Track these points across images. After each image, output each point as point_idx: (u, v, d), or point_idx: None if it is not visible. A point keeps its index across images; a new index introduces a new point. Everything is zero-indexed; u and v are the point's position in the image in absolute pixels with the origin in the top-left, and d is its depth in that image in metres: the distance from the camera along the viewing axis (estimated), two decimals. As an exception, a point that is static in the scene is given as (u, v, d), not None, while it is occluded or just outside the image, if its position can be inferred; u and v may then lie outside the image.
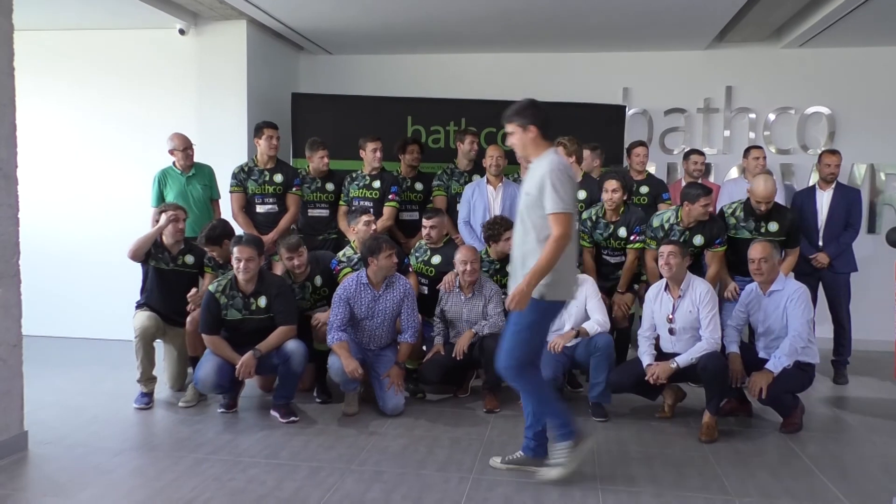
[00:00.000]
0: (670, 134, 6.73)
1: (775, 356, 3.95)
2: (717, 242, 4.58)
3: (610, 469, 3.50)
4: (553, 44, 6.50)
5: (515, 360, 3.25)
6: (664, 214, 4.72)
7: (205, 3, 5.50)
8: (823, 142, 6.46)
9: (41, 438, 3.72)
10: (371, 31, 6.15)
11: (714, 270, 4.62)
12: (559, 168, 3.12)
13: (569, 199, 3.11)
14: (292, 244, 4.40)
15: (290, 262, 4.41)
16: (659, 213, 4.80)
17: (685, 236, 4.57)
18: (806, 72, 6.48)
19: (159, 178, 5.22)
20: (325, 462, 3.50)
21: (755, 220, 4.55)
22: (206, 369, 4.06)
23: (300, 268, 4.47)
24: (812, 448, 3.85)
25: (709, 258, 4.67)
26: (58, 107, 6.30)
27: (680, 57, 6.63)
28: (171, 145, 5.19)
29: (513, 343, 3.26)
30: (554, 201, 3.07)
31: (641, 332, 4.33)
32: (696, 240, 4.58)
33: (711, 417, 3.99)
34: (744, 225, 4.60)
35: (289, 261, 4.40)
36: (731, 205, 4.76)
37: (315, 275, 4.58)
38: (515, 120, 3.26)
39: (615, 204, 4.71)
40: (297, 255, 4.40)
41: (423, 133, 6.13)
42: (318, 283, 4.58)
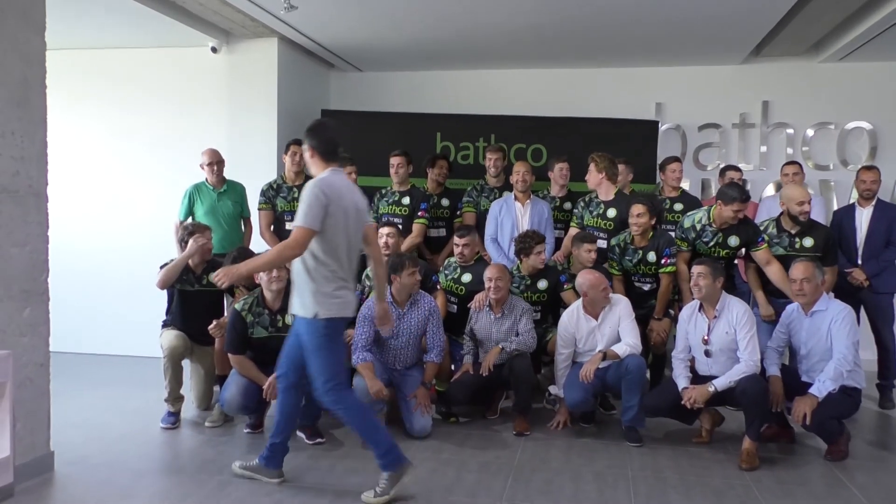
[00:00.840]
0: (704, 150, 6.59)
1: (819, 380, 3.78)
2: (760, 241, 4.44)
3: (647, 498, 3.36)
4: (584, 59, 6.43)
5: (323, 384, 3.23)
6: (696, 215, 4.62)
7: (237, 22, 5.54)
8: (864, 158, 6.27)
9: (67, 458, 3.68)
10: (401, 47, 6.14)
11: (777, 267, 4.37)
12: (318, 186, 3.16)
13: (315, 218, 3.11)
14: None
15: None
16: (690, 214, 4.69)
17: (718, 238, 4.44)
18: (845, 86, 6.30)
19: (191, 192, 5.24)
20: (351, 487, 3.41)
21: (789, 237, 4.41)
22: (232, 390, 4.01)
23: None
24: (860, 477, 3.66)
25: (761, 258, 4.45)
26: (89, 125, 6.36)
27: (714, 71, 6.50)
28: (202, 160, 5.22)
29: (314, 370, 3.25)
30: (300, 214, 3.13)
31: (675, 354, 4.20)
32: (731, 241, 4.47)
33: (752, 444, 3.82)
34: (777, 241, 4.46)
35: None
36: (762, 222, 4.66)
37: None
38: (303, 140, 3.35)
39: (642, 228, 4.59)
40: None
41: (452, 149, 6.09)
42: None
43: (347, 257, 3.27)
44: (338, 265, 3.22)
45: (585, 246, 4.61)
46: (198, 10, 5.27)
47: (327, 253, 3.17)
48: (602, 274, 4.41)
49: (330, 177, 3.25)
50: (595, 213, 5.00)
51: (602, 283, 4.27)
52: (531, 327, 4.41)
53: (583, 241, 4.64)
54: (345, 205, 3.22)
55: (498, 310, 4.45)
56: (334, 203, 3.16)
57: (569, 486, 3.49)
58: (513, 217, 5.09)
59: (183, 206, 5.24)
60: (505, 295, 4.42)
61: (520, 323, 4.40)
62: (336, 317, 3.23)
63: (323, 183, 3.18)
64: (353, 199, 3.31)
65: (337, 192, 3.20)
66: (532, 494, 3.37)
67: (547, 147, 6.01)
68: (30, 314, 3.43)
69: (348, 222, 3.23)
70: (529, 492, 3.39)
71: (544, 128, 6.08)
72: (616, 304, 4.31)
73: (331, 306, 3.19)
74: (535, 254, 4.60)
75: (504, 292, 4.40)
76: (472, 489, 3.42)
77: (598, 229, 4.96)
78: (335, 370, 3.26)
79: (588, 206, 5.06)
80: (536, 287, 4.71)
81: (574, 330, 4.32)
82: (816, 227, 4.52)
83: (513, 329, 4.41)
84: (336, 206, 3.17)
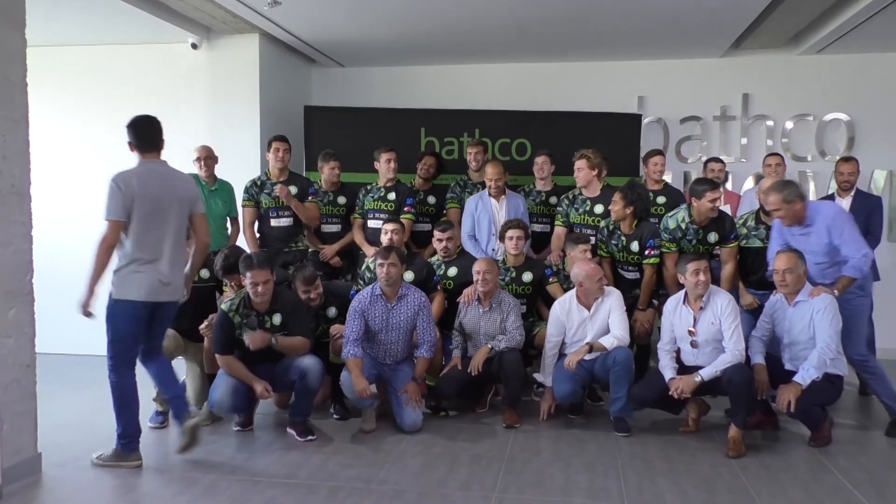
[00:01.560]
0: (686, 142, 6.65)
1: (804, 368, 3.84)
2: (731, 237, 4.53)
3: (637, 486, 3.40)
4: (567, 53, 6.45)
5: (109, 357, 3.55)
6: (678, 214, 4.66)
7: (217, 18, 5.49)
8: (842, 149, 6.37)
9: (55, 460, 3.65)
10: (383, 43, 6.12)
11: (731, 268, 4.54)
12: (113, 180, 3.42)
13: (112, 209, 3.41)
14: (308, 277, 4.31)
15: (305, 294, 4.30)
16: (672, 214, 4.73)
17: (699, 235, 4.51)
18: (824, 78, 6.40)
19: None
20: (344, 482, 3.43)
21: (766, 229, 4.48)
22: (222, 391, 3.98)
23: (315, 301, 4.37)
24: (843, 462, 3.74)
25: (724, 255, 4.58)
26: (70, 123, 6.28)
27: (695, 64, 6.56)
28: (194, 155, 5.19)
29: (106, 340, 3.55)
30: (104, 208, 3.42)
31: (661, 346, 4.25)
32: (710, 237, 4.54)
33: (738, 431, 3.88)
34: (755, 234, 4.53)
35: (304, 293, 4.30)
36: (741, 216, 4.74)
37: (329, 305, 4.49)
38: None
39: (616, 216, 4.65)
40: (313, 287, 4.32)
41: (436, 144, 6.09)
42: (331, 315, 4.49)
43: (157, 243, 3.50)
44: (139, 250, 3.46)
45: (580, 247, 4.56)
46: (178, 6, 5.22)
47: (130, 239, 3.45)
48: (598, 265, 4.45)
49: (134, 169, 3.53)
50: (582, 210, 5.03)
51: (598, 273, 4.31)
52: (519, 324, 4.43)
53: (577, 243, 4.59)
54: (153, 193, 3.47)
55: (486, 303, 4.47)
56: (137, 193, 3.42)
57: (560, 476, 3.52)
58: (489, 212, 5.10)
59: None
60: (493, 288, 4.44)
61: (507, 320, 4.42)
62: (123, 298, 3.46)
63: (119, 177, 3.45)
64: (170, 188, 3.56)
65: (140, 183, 3.45)
66: (524, 486, 3.39)
67: (531, 141, 6.02)
68: (15, 315, 3.39)
69: (158, 209, 3.49)
70: (521, 483, 3.42)
71: (528, 122, 6.09)
72: (608, 296, 4.35)
73: (120, 288, 3.47)
74: (507, 238, 4.65)
75: (492, 285, 4.42)
76: (464, 482, 3.44)
77: (585, 226, 4.99)
78: (116, 349, 3.54)
79: (573, 203, 5.08)
80: (521, 280, 4.74)
81: (565, 319, 4.36)
82: None
83: (501, 322, 4.43)
84: (141, 196, 3.43)
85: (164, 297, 3.58)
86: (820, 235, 4.05)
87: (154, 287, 3.50)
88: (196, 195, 3.73)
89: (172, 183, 3.58)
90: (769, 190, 4.13)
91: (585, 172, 4.99)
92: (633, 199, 4.64)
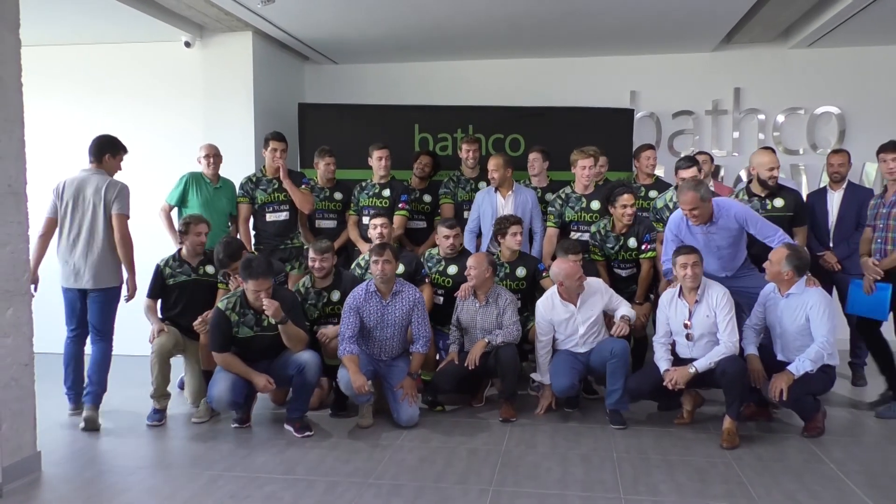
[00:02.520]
0: (679, 137, 6.69)
1: (800, 359, 3.88)
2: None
3: (632, 477, 3.44)
4: (559, 48, 6.47)
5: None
6: (667, 194, 4.77)
7: (210, 16, 5.48)
8: (834, 142, 6.41)
9: (54, 458, 3.67)
10: (376, 39, 6.12)
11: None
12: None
13: (49, 209, 4.26)
14: (322, 247, 4.45)
15: (313, 263, 4.42)
16: (660, 196, 4.80)
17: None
18: (815, 72, 6.43)
19: (187, 179, 5.17)
20: (343, 476, 3.45)
21: (759, 200, 4.55)
22: (221, 387, 3.99)
23: (322, 272, 4.44)
24: (836, 452, 3.78)
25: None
26: (64, 122, 6.27)
27: (687, 59, 6.59)
28: (199, 153, 5.21)
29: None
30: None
31: (657, 339, 4.28)
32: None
33: (732, 423, 3.92)
34: (749, 205, 4.56)
35: (312, 262, 4.42)
36: (734, 191, 4.82)
37: (335, 289, 4.52)
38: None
39: (631, 218, 4.70)
40: (322, 258, 4.41)
41: (430, 141, 6.10)
42: (334, 298, 4.52)
43: (72, 239, 4.20)
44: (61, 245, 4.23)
45: (571, 258, 4.47)
46: (172, 4, 5.21)
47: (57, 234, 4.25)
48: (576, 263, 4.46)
49: (72, 175, 4.29)
50: (578, 208, 5.06)
51: (577, 272, 4.33)
52: (516, 319, 4.47)
53: (567, 252, 4.52)
54: (69, 196, 4.20)
55: (482, 298, 4.49)
56: (61, 197, 4.22)
57: (556, 469, 3.55)
58: (493, 208, 5.13)
59: (176, 190, 5.16)
60: (481, 282, 4.46)
61: (504, 315, 4.45)
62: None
63: (59, 182, 4.27)
64: (86, 191, 4.21)
65: (65, 187, 4.24)
66: (521, 479, 3.43)
67: (525, 137, 6.04)
68: (13, 314, 3.40)
69: (72, 210, 4.20)
70: (518, 476, 3.46)
71: (522, 118, 6.10)
72: (593, 288, 4.40)
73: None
74: (511, 235, 4.66)
75: (481, 279, 4.44)
76: (462, 475, 3.47)
77: (583, 223, 5.03)
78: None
79: (567, 201, 5.11)
80: (515, 275, 4.77)
81: (551, 317, 4.39)
82: (785, 188, 4.72)
83: (498, 317, 4.46)
84: (61, 199, 4.21)
85: (82, 285, 4.20)
86: (729, 229, 4.23)
87: (67, 276, 4.22)
88: (111, 198, 4.23)
89: (89, 186, 4.22)
90: (684, 188, 4.23)
91: (594, 171, 5.08)
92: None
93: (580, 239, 4.94)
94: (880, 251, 4.35)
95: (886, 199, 4.39)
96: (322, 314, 4.53)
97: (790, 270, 3.99)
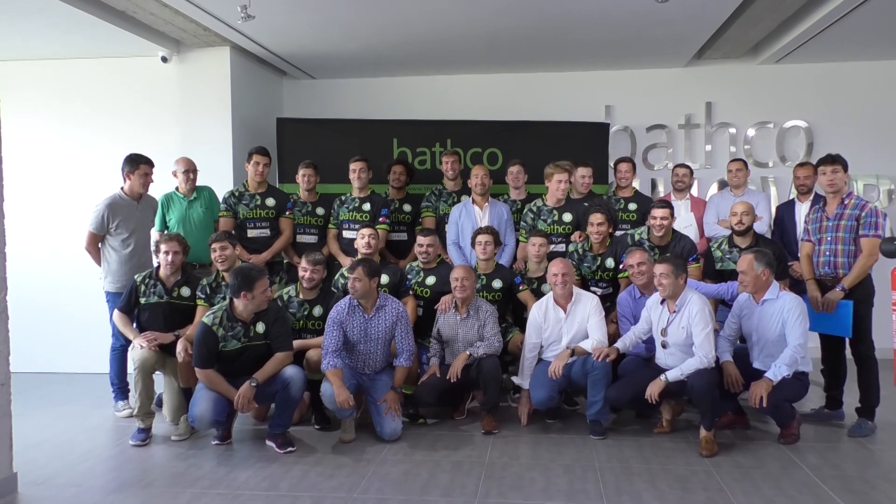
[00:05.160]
0: (653, 150, 6.81)
1: (775, 365, 3.96)
2: (691, 260, 4.70)
3: (615, 486, 3.48)
4: (536, 63, 6.57)
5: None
6: (637, 230, 4.93)
7: (188, 31, 5.48)
8: (802, 154, 6.57)
9: (31, 479, 3.61)
10: (354, 54, 6.16)
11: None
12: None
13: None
14: (316, 259, 4.46)
15: (304, 272, 4.42)
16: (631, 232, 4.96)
17: (656, 253, 4.66)
18: (783, 87, 6.61)
19: (162, 202, 5.17)
20: (327, 491, 3.44)
21: (739, 251, 4.63)
22: (203, 406, 3.95)
23: (311, 282, 4.44)
24: (812, 458, 3.86)
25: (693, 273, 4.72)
26: (40, 138, 6.19)
27: (660, 74, 6.73)
28: (176, 168, 5.18)
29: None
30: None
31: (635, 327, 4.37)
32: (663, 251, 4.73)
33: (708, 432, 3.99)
34: (729, 257, 4.68)
35: (304, 271, 4.42)
36: (716, 239, 4.92)
37: (319, 304, 4.52)
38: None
39: (602, 237, 4.77)
40: (314, 269, 4.42)
41: (409, 154, 6.14)
42: (316, 314, 4.51)
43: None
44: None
45: (532, 240, 4.80)
46: (149, 19, 5.20)
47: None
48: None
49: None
50: (550, 221, 5.14)
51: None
52: (497, 330, 4.50)
53: (531, 235, 4.84)
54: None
55: (463, 310, 4.53)
56: None
57: (540, 479, 3.58)
58: (472, 220, 5.18)
59: (157, 217, 5.16)
60: (471, 295, 4.51)
61: (485, 327, 4.49)
62: None
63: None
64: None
65: None
66: (505, 490, 3.45)
67: (502, 150, 6.11)
68: (-11, 333, 3.35)
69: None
70: (503, 487, 3.48)
71: (499, 131, 6.18)
72: (583, 299, 4.45)
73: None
74: (477, 244, 4.77)
75: (470, 292, 4.48)
76: (446, 488, 3.48)
77: (555, 235, 5.11)
78: None
79: (539, 214, 5.18)
80: (492, 286, 4.81)
81: (542, 320, 4.45)
82: (763, 241, 4.72)
83: (479, 329, 4.49)
84: None
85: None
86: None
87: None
88: None
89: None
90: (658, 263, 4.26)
91: (566, 186, 5.13)
92: (613, 216, 4.87)
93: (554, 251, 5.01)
94: (829, 264, 4.35)
95: (829, 212, 4.40)
96: (302, 327, 4.51)
97: (765, 269, 4.10)
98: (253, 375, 3.98)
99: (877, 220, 4.19)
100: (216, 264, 4.49)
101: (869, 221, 4.19)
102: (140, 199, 4.93)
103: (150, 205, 5.03)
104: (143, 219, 4.94)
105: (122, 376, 4.86)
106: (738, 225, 4.61)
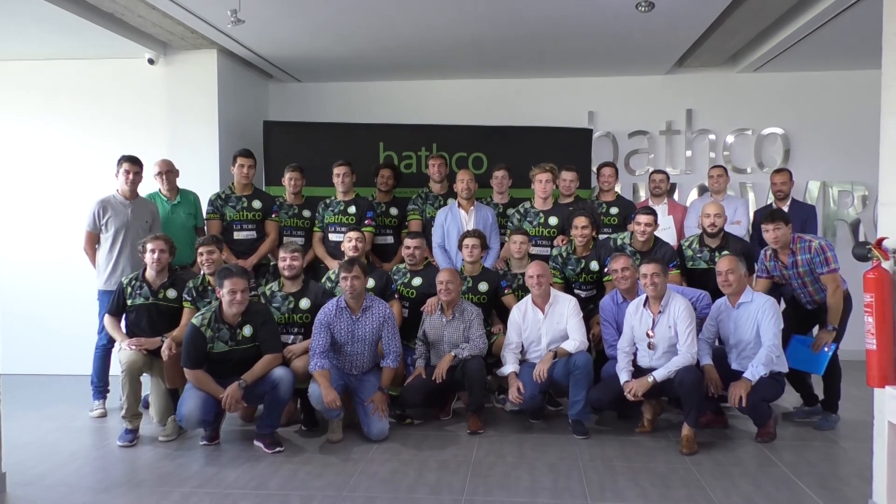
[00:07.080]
0: (634, 156, 6.93)
1: (752, 366, 4.07)
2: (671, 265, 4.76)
3: (598, 484, 3.56)
4: (521, 70, 6.66)
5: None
6: (620, 234, 5.00)
7: (176, 33, 5.50)
8: (779, 161, 6.73)
9: (20, 480, 3.61)
10: (341, 58, 6.21)
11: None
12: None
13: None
14: (293, 247, 4.54)
15: (283, 261, 4.47)
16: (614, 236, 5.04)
17: (638, 258, 4.74)
18: (761, 95, 6.77)
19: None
20: (316, 490, 3.49)
21: (710, 251, 4.75)
22: (190, 406, 3.98)
23: (292, 271, 4.47)
24: (788, 456, 3.98)
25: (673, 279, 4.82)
26: (25, 140, 6.17)
27: (642, 81, 6.86)
28: (154, 170, 5.19)
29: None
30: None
31: (620, 348, 4.41)
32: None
33: (691, 430, 4.09)
34: (700, 256, 4.79)
35: (283, 261, 4.48)
36: (687, 238, 5.03)
37: (304, 297, 4.56)
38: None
39: (585, 240, 4.86)
40: (292, 256, 4.47)
41: (395, 158, 6.20)
42: (303, 306, 4.55)
43: None
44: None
45: (513, 237, 4.93)
46: (137, 21, 5.22)
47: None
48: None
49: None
50: (536, 223, 5.22)
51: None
52: (482, 332, 4.58)
53: (513, 233, 4.96)
54: None
55: (449, 313, 4.59)
56: None
57: (525, 478, 3.65)
58: (458, 224, 5.25)
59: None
60: (456, 297, 4.58)
61: (471, 329, 4.56)
62: None
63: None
64: None
65: None
66: (492, 488, 3.51)
67: (487, 155, 6.20)
68: (-21, 334, 3.36)
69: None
70: (489, 486, 3.54)
71: (484, 136, 6.26)
72: (561, 301, 4.54)
73: None
74: (464, 247, 4.84)
75: (455, 294, 4.55)
76: (434, 486, 3.54)
77: (541, 237, 5.19)
78: None
79: (526, 216, 5.26)
80: (477, 289, 4.89)
81: (521, 320, 4.55)
82: (732, 240, 4.85)
83: (464, 331, 4.56)
84: None
85: None
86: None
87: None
88: None
89: None
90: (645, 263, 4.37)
91: (551, 186, 5.21)
92: (596, 220, 4.96)
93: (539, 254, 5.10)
94: (811, 301, 4.52)
95: (784, 261, 4.47)
96: (288, 320, 4.52)
97: (745, 270, 4.30)
98: (242, 376, 4.01)
99: (825, 255, 4.31)
100: (203, 268, 4.52)
101: (819, 260, 4.32)
102: (133, 199, 4.95)
103: (144, 206, 5.04)
104: (133, 219, 4.93)
105: (102, 376, 4.89)
106: (711, 227, 4.74)
